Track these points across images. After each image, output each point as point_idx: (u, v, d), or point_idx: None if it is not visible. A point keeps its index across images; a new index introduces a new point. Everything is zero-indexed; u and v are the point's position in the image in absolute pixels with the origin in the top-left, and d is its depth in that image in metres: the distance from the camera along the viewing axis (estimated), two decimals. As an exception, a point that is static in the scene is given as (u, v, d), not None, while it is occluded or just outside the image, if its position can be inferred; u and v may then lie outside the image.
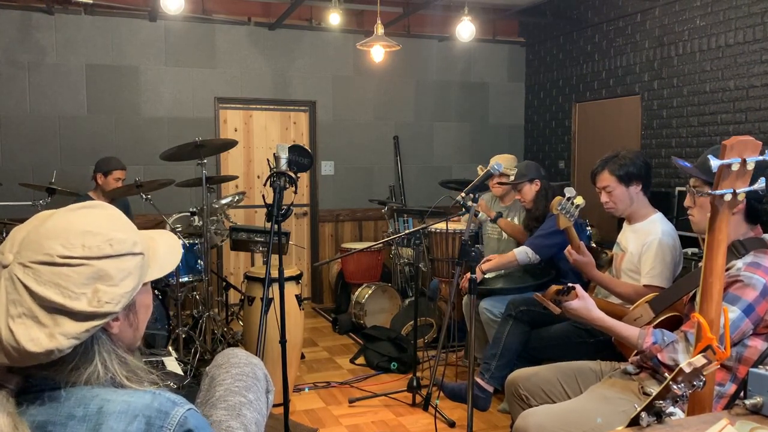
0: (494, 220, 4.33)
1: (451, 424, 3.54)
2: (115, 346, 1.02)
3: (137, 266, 1.02)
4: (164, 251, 1.11)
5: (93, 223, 1.00)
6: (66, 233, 0.97)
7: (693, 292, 2.11)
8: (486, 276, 3.91)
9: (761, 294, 1.89)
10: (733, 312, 1.87)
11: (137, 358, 1.07)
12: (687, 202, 2.19)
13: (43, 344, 0.92)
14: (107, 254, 0.98)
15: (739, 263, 1.95)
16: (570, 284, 2.19)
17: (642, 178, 2.86)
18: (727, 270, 1.95)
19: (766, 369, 1.48)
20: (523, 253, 3.67)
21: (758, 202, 1.97)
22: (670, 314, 2.26)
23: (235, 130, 6.21)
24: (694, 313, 1.56)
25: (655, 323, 2.25)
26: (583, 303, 2.17)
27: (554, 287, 2.21)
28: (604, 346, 2.92)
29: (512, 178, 3.91)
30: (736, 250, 1.98)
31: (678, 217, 4.65)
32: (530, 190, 3.85)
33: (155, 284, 4.24)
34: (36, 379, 0.97)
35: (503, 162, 3.69)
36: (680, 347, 2.00)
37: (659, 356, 2.03)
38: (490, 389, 3.44)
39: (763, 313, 1.90)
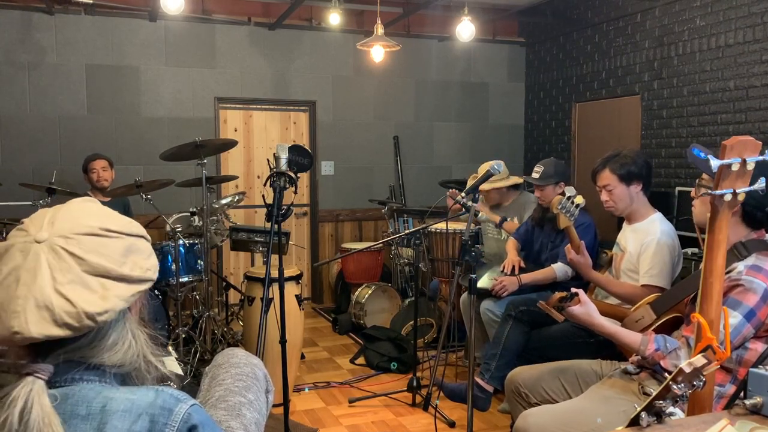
0: (499, 225, 4.30)
1: (451, 424, 3.54)
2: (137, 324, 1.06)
3: (151, 249, 1.08)
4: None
5: (106, 209, 1.05)
6: (93, 213, 1.02)
7: (694, 293, 2.11)
8: (488, 276, 3.90)
9: (762, 298, 1.88)
10: (735, 317, 1.87)
11: None
12: (693, 193, 2.19)
13: (98, 304, 0.94)
14: (134, 232, 1.04)
15: (740, 266, 1.95)
16: (573, 290, 2.19)
17: (643, 178, 2.86)
18: (728, 272, 1.94)
19: (766, 369, 1.48)
20: (563, 270, 3.59)
21: (755, 208, 1.96)
22: (671, 316, 2.25)
23: (235, 130, 6.21)
24: (694, 313, 1.56)
25: (657, 325, 2.25)
26: (585, 309, 2.18)
27: (557, 295, 2.21)
28: (604, 346, 2.91)
29: (536, 175, 3.75)
30: (738, 251, 1.98)
31: (678, 217, 4.65)
32: (553, 192, 3.69)
33: (155, 284, 4.25)
34: (62, 368, 0.96)
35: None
36: (683, 354, 2.00)
37: (662, 363, 2.04)
38: (490, 389, 3.43)
39: (765, 318, 1.89)
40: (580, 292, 2.20)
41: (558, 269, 3.61)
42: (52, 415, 0.91)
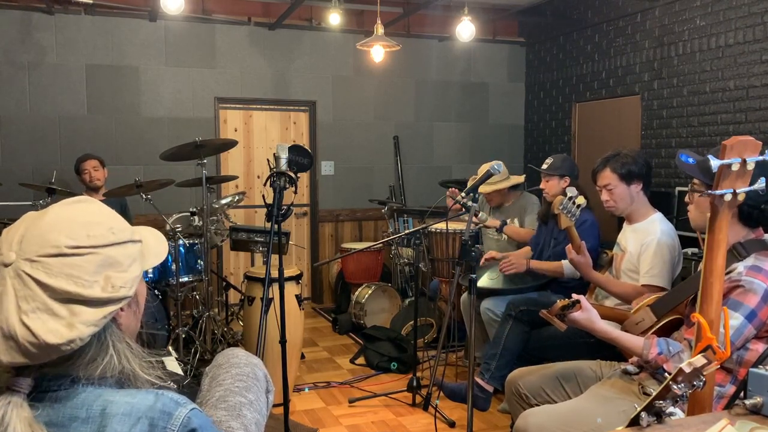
0: (500, 230, 4.28)
1: (451, 424, 3.54)
2: (124, 336, 1.03)
3: (139, 253, 1.04)
4: (154, 242, 1.13)
5: (91, 214, 1.01)
6: (68, 225, 0.97)
7: (693, 294, 2.11)
8: (488, 276, 3.90)
9: (762, 299, 1.88)
10: (736, 319, 1.86)
11: None
12: (687, 198, 2.22)
13: (63, 335, 0.92)
14: (112, 242, 0.99)
15: (740, 267, 1.95)
16: (574, 297, 2.20)
17: (643, 177, 2.87)
18: (728, 273, 1.94)
19: (766, 369, 1.48)
20: (571, 269, 3.51)
21: (751, 207, 1.96)
22: (671, 317, 2.25)
23: (235, 130, 6.20)
24: (694, 313, 1.56)
25: (657, 327, 2.25)
26: (587, 315, 2.20)
27: (560, 303, 2.21)
28: (603, 346, 2.91)
29: (545, 166, 3.78)
30: (737, 252, 1.98)
31: (678, 217, 4.65)
32: (557, 185, 3.71)
33: (155, 284, 4.26)
34: (47, 379, 0.96)
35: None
36: (686, 357, 1.99)
37: (665, 366, 2.04)
38: (490, 389, 3.43)
39: (765, 318, 1.89)
40: (581, 298, 2.20)
41: (567, 266, 3.58)
42: (33, 423, 0.91)
